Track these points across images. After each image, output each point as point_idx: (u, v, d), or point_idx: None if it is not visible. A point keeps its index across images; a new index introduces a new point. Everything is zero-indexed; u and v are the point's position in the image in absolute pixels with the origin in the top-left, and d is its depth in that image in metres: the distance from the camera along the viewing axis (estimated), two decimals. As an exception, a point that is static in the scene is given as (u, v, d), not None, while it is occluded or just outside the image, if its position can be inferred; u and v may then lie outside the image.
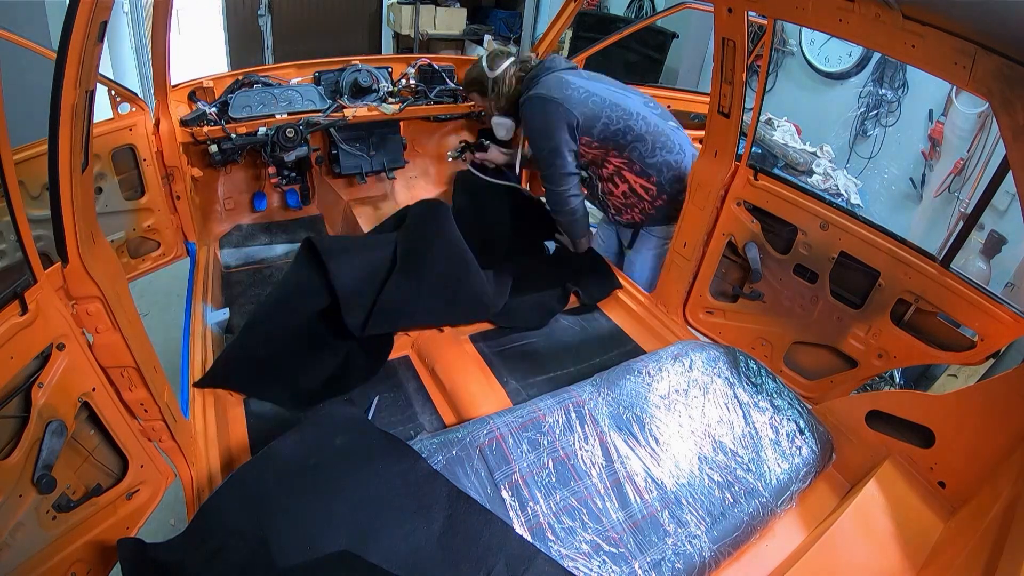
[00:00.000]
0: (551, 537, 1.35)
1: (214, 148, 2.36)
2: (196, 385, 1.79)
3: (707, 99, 2.11)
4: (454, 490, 1.35)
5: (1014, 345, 1.70)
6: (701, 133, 2.15)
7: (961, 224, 2.27)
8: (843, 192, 3.89)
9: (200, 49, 5.92)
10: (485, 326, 2.31)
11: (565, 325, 2.42)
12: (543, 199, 3.12)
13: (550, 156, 2.25)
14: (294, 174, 2.92)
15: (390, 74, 2.82)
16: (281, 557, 1.19)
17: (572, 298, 2.52)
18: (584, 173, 2.49)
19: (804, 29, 4.01)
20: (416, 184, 3.38)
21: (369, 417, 1.77)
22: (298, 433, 1.49)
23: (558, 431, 1.56)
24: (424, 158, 3.36)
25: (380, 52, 6.94)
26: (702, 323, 2.35)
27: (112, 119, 2.11)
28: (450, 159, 2.88)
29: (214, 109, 2.40)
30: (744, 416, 1.72)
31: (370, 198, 3.18)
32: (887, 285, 1.77)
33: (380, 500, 1.32)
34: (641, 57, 4.83)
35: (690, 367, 1.80)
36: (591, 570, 1.31)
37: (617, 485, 1.49)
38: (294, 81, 2.68)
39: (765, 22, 1.89)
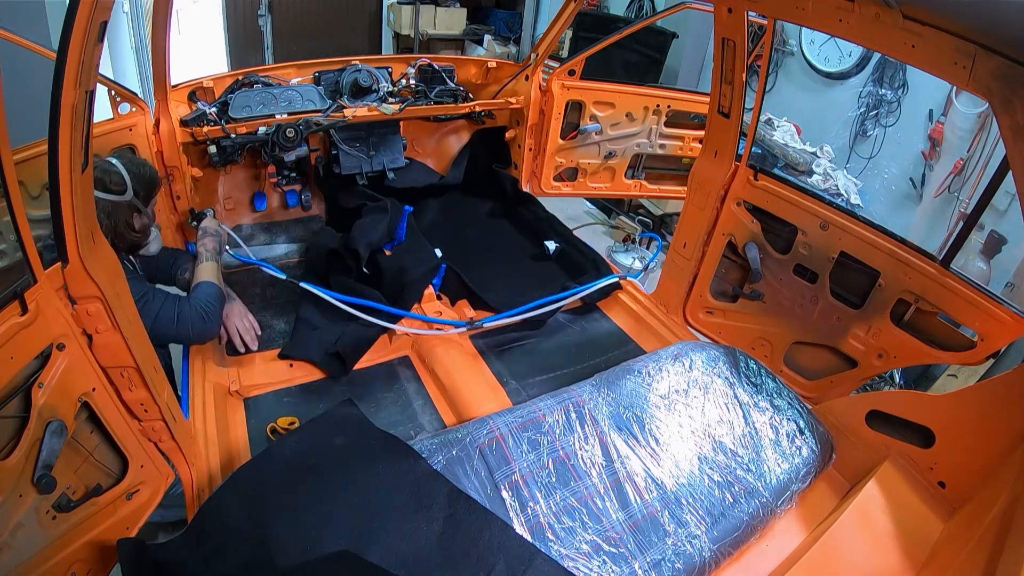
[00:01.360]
0: (551, 537, 1.35)
1: (213, 149, 2.36)
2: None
3: (707, 99, 2.11)
4: (454, 490, 1.35)
5: (1014, 345, 1.70)
6: (701, 133, 2.15)
7: (961, 224, 2.27)
8: (843, 192, 3.88)
9: (200, 49, 5.92)
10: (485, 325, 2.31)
11: (565, 325, 2.42)
12: (540, 199, 3.14)
13: None
14: (294, 174, 2.91)
15: (390, 74, 2.81)
16: (281, 557, 1.19)
17: (572, 298, 2.52)
18: None
19: (804, 29, 4.01)
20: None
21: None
22: (298, 433, 1.50)
23: (558, 431, 1.56)
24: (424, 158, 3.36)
25: (380, 52, 6.94)
26: (702, 323, 2.35)
27: (112, 119, 2.11)
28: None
29: (214, 109, 2.39)
30: (744, 416, 1.72)
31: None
32: (887, 285, 1.76)
33: (380, 500, 1.32)
34: (641, 57, 4.83)
35: (690, 367, 1.80)
36: (591, 570, 1.31)
37: (617, 485, 1.49)
38: (294, 81, 2.68)
39: (765, 22, 1.89)
